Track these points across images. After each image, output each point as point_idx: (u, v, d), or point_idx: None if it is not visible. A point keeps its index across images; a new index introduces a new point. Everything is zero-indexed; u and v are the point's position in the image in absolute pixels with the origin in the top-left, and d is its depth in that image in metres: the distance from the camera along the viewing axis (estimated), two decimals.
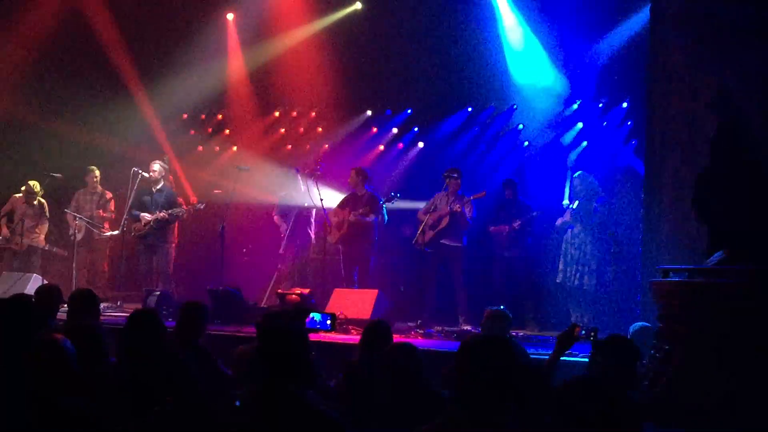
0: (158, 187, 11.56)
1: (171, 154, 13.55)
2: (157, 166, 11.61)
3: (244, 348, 5.85)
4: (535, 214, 11.03)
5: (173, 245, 11.90)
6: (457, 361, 3.46)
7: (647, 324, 6.94)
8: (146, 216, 11.39)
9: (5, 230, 12.20)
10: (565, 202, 10.80)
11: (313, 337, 5.97)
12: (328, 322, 9.02)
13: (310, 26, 13.78)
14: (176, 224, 12.06)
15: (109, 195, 12.53)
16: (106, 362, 4.83)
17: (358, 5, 13.63)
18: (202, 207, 11.48)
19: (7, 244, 12.20)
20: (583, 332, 5.15)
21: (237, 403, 3.96)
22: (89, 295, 6.32)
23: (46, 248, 12.40)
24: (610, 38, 11.84)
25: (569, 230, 10.02)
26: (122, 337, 4.98)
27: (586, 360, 5.18)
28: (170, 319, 8.16)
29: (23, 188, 12.26)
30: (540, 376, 5.09)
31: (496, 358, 3.39)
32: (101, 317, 6.77)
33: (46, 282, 10.10)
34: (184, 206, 11.62)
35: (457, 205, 10.77)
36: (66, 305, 6.40)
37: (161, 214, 11.30)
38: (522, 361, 6.12)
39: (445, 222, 10.89)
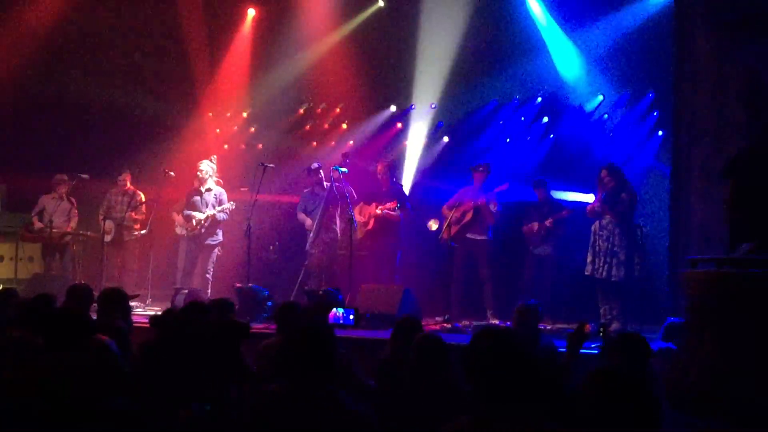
0: (207, 187, 11.61)
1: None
2: (204, 165, 11.67)
3: (267, 342, 5.86)
4: (565, 212, 10.98)
5: (220, 248, 11.97)
6: (463, 354, 3.46)
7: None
8: (197, 215, 11.45)
9: (38, 224, 12.34)
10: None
11: (339, 332, 5.96)
12: (352, 317, 9.03)
13: (335, 33, 13.81)
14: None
15: (140, 196, 12.60)
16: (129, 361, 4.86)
17: (380, 2, 13.63)
18: (233, 207, 11.57)
19: (42, 237, 12.37)
20: (593, 328, 5.13)
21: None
22: (119, 294, 6.35)
23: (79, 233, 12.53)
24: (635, 28, 11.77)
25: (597, 221, 9.96)
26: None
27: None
28: None
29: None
30: (560, 368, 5.09)
31: (498, 350, 3.38)
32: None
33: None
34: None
35: (481, 199, 10.75)
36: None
37: (211, 214, 11.37)
38: (540, 353, 6.12)
39: (469, 216, 10.89)
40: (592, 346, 6.87)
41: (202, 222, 11.43)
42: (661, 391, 4.84)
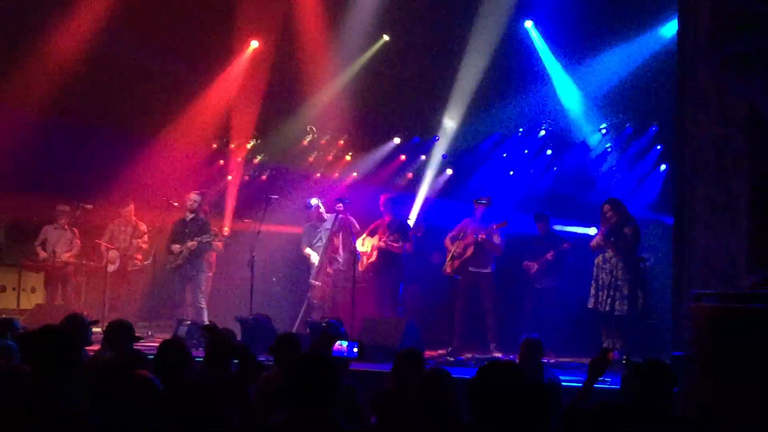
0: (192, 218, 11.63)
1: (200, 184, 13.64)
2: (192, 195, 11.71)
3: (266, 375, 5.83)
4: (566, 245, 10.97)
5: (209, 275, 11.96)
6: (470, 387, 3.46)
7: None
8: (176, 246, 11.47)
9: (42, 253, 12.35)
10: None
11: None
12: (355, 350, 8.97)
13: (341, 68, 13.89)
14: (213, 255, 12.15)
15: (143, 227, 12.62)
16: None
17: (385, 37, 13.72)
18: (226, 233, 11.62)
19: (44, 267, 12.38)
20: (617, 356, 5.10)
21: None
22: (127, 326, 6.36)
23: (82, 263, 12.53)
24: (638, 62, 11.84)
25: (600, 255, 9.96)
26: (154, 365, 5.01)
27: (616, 387, 5.12)
28: (200, 348, 8.17)
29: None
30: (561, 401, 5.06)
31: (504, 382, 3.38)
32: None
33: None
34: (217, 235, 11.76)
35: (482, 234, 10.75)
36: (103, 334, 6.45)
37: (190, 243, 11.36)
38: (542, 386, 6.08)
39: (470, 251, 10.89)
40: (609, 382, 6.83)
41: (183, 253, 11.43)
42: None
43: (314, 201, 11.76)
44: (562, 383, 6.84)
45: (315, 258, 11.58)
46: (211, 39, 13.56)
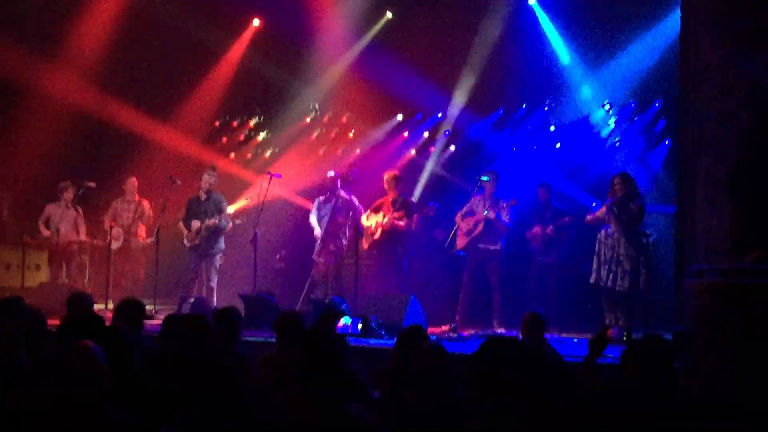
0: (207, 197, 11.62)
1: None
2: (205, 175, 11.69)
3: (268, 354, 5.83)
4: (568, 219, 10.96)
5: (222, 256, 11.99)
6: (470, 362, 3.46)
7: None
8: (197, 222, 11.47)
9: (46, 231, 12.37)
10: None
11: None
12: (359, 326, 9.03)
13: (345, 46, 13.88)
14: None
15: (147, 204, 12.63)
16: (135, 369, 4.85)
17: (389, 14, 13.68)
18: (239, 222, 11.70)
19: (48, 245, 12.43)
20: (617, 333, 5.09)
21: None
22: (137, 305, 6.37)
23: (86, 240, 12.56)
24: (642, 38, 11.81)
25: (603, 230, 9.94)
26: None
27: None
28: None
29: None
30: (568, 378, 5.06)
31: (505, 358, 3.39)
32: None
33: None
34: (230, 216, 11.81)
35: (492, 212, 10.75)
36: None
37: (210, 222, 11.36)
38: (550, 363, 6.09)
39: (480, 228, 10.88)
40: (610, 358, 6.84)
41: (202, 230, 11.44)
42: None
43: (331, 173, 11.72)
44: (565, 359, 6.85)
45: (318, 233, 11.58)
46: (212, 18, 13.49)
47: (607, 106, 12.46)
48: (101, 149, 13.89)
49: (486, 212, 10.80)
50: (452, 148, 13.84)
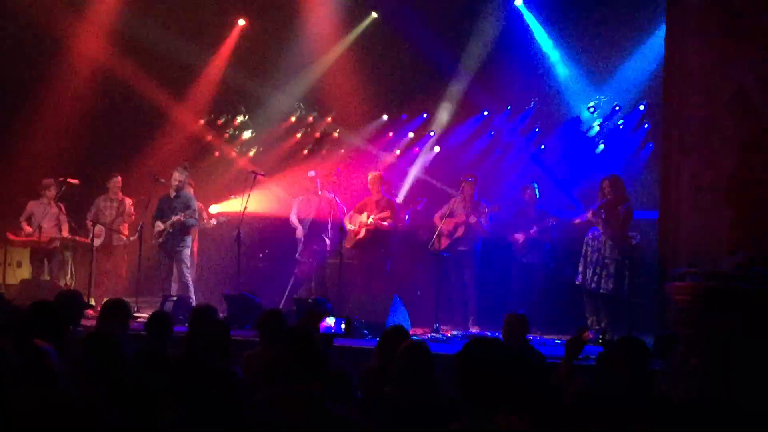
0: (176, 194, 11.58)
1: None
2: (175, 173, 11.64)
3: (251, 353, 5.83)
4: (552, 220, 10.98)
5: (193, 252, 11.91)
6: (456, 362, 3.47)
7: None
8: (159, 224, 11.43)
9: (27, 228, 12.28)
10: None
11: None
12: (343, 326, 8.99)
13: (330, 45, 13.87)
14: (196, 231, 12.11)
15: (129, 202, 12.57)
16: (122, 368, 4.82)
17: (374, 15, 13.69)
18: (214, 223, 11.71)
19: (30, 242, 12.34)
20: (593, 336, 5.09)
21: None
22: (122, 305, 6.39)
23: (69, 237, 12.46)
24: (629, 41, 11.87)
25: (591, 232, 9.96)
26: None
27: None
28: (186, 325, 8.16)
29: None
30: (548, 377, 5.07)
31: (489, 358, 3.39)
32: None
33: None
34: (204, 214, 11.73)
35: (473, 217, 10.77)
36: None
37: (175, 218, 11.31)
38: (532, 363, 6.10)
39: (461, 231, 10.89)
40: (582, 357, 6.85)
41: (167, 228, 11.40)
42: None
43: (312, 173, 11.71)
44: (547, 360, 6.86)
45: (300, 233, 11.56)
46: (198, 17, 13.46)
47: (592, 108, 12.49)
48: (87, 147, 13.76)
49: (468, 217, 10.80)
50: (437, 149, 13.84)
